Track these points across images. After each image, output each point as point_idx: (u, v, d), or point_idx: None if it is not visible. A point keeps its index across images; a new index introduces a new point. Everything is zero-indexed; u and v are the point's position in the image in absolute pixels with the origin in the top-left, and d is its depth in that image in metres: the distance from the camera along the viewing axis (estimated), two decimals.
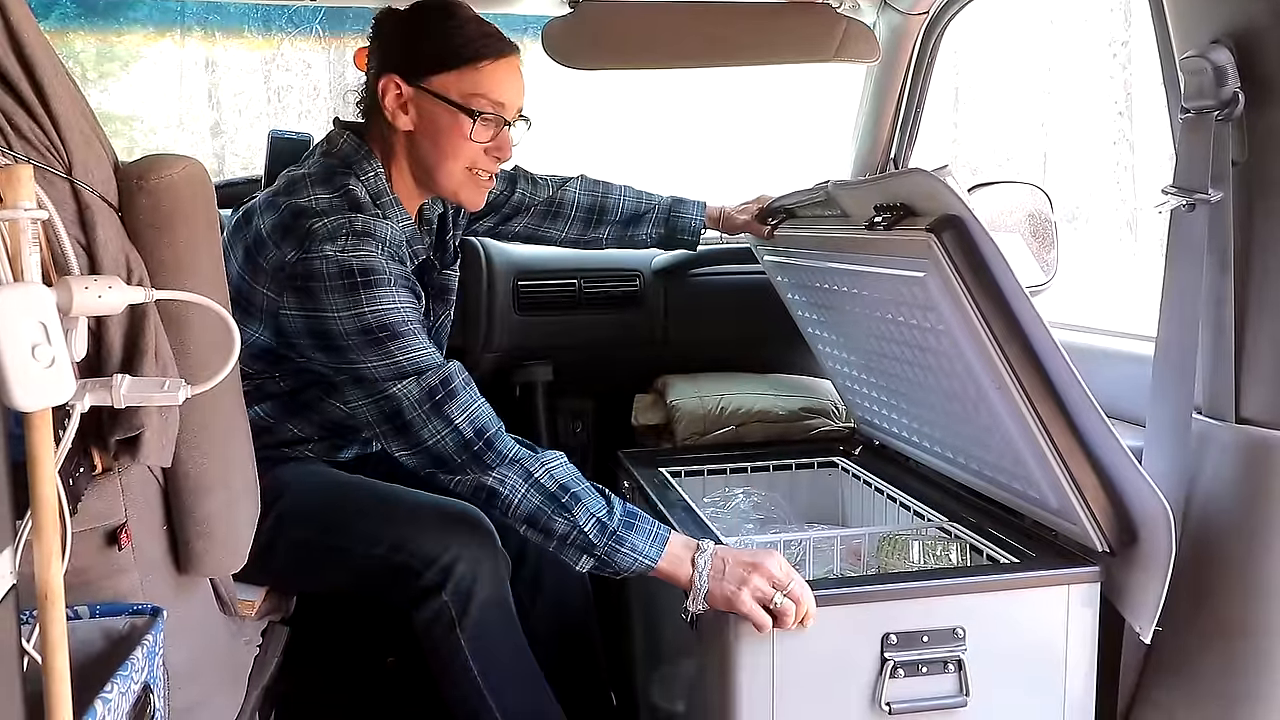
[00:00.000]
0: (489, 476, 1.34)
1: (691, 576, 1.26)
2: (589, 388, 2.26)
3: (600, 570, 1.34)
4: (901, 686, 1.20)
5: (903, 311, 1.34)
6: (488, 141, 1.47)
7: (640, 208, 1.88)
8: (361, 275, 1.33)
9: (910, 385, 1.49)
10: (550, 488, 1.33)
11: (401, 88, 1.44)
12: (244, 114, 11.84)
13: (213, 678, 1.19)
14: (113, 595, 0.98)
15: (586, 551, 1.32)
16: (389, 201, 1.48)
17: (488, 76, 1.45)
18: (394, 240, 1.41)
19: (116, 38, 2.66)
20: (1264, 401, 1.13)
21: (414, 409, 1.33)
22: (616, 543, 1.31)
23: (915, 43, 2.05)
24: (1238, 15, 1.09)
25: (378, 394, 1.35)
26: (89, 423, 0.90)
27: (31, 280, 0.73)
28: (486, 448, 1.34)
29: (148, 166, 0.97)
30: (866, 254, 1.37)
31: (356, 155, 1.48)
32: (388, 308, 1.34)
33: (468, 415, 1.35)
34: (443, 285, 1.69)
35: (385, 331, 1.34)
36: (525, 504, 1.33)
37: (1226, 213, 1.12)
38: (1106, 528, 1.19)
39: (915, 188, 1.19)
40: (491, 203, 1.78)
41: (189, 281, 0.98)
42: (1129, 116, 13.65)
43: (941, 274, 1.14)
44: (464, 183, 1.49)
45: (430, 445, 1.34)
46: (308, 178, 1.45)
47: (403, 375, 1.34)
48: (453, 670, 1.43)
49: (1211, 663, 1.18)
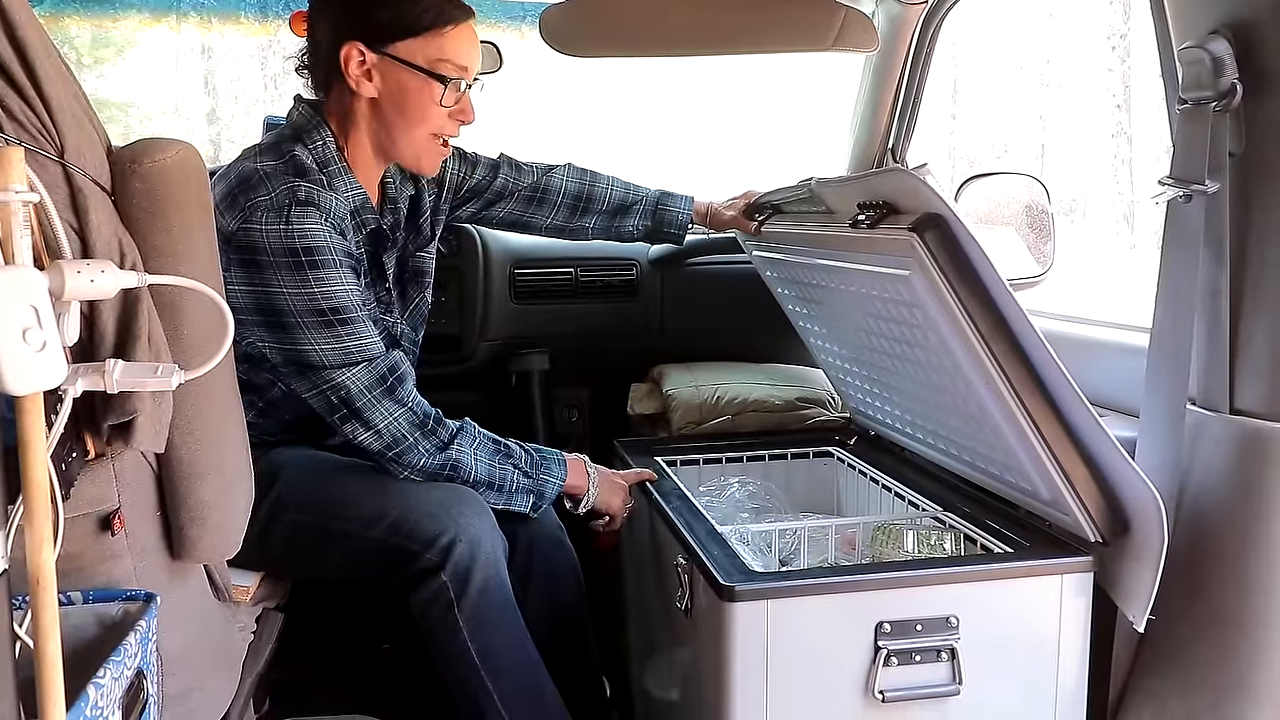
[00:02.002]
0: (450, 450, 1.47)
1: (586, 486, 1.57)
2: (585, 377, 2.26)
3: (537, 504, 1.55)
4: (895, 675, 1.20)
5: (889, 308, 1.34)
6: (453, 106, 1.48)
7: (628, 199, 1.87)
8: (306, 254, 1.36)
9: (900, 379, 1.50)
10: (490, 447, 1.51)
11: (365, 55, 1.44)
12: (240, 100, 11.80)
13: (206, 664, 1.19)
14: (106, 581, 0.98)
15: (528, 492, 1.53)
16: (336, 170, 1.48)
17: (452, 41, 1.46)
18: (336, 211, 1.42)
19: (112, 23, 2.65)
20: (1258, 393, 1.13)
21: (364, 394, 1.41)
22: (545, 474, 1.54)
23: (914, 33, 2.04)
24: (1236, 6, 1.09)
25: (325, 384, 1.41)
26: (82, 408, 0.90)
27: (23, 264, 0.72)
28: (436, 424, 1.47)
29: (141, 150, 0.96)
30: (851, 251, 1.37)
31: (308, 125, 1.49)
32: (336, 290, 1.38)
33: (415, 398, 1.46)
34: (417, 268, 1.69)
35: (336, 315, 1.38)
36: (480, 467, 1.49)
37: (1223, 204, 1.12)
38: (1098, 518, 1.19)
39: (897, 186, 1.19)
40: (474, 187, 1.78)
41: (182, 266, 0.97)
42: (1127, 109, 13.66)
43: (925, 273, 1.14)
44: (425, 148, 1.51)
45: (384, 427, 1.43)
46: (258, 147, 1.48)
47: (351, 363, 1.40)
48: (450, 652, 1.43)
49: (1204, 653, 1.18)
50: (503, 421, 2.01)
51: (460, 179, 1.76)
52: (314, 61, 1.52)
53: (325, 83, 1.51)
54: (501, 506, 1.52)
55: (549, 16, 1.82)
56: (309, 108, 1.51)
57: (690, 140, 11.05)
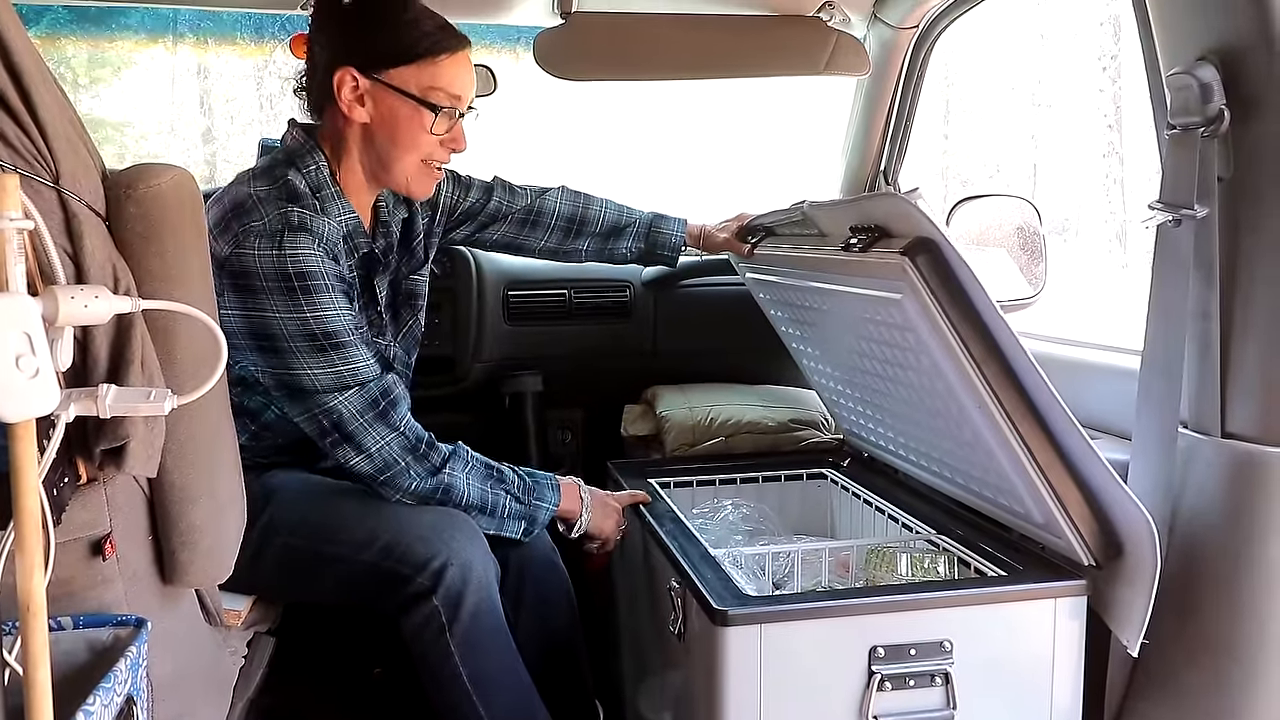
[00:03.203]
0: (442, 474, 1.46)
1: (579, 510, 1.57)
2: (579, 398, 2.26)
3: (529, 530, 1.54)
4: (889, 700, 1.20)
5: (881, 331, 1.34)
6: (444, 134, 1.49)
7: (621, 221, 1.88)
8: (299, 280, 1.36)
9: (893, 401, 1.50)
10: (483, 471, 1.51)
11: (359, 80, 1.45)
12: (235, 120, 11.82)
13: (197, 689, 1.18)
14: (97, 606, 0.98)
15: (520, 518, 1.53)
16: (329, 194, 1.48)
17: (446, 70, 1.46)
18: (329, 236, 1.42)
19: (108, 43, 2.66)
20: (1249, 416, 1.14)
21: (356, 419, 1.42)
22: (538, 499, 1.54)
23: (905, 56, 2.06)
24: (1223, 32, 1.10)
25: (317, 408, 1.41)
26: (74, 432, 0.90)
27: (17, 290, 0.72)
28: (429, 448, 1.47)
29: (136, 175, 0.97)
30: (844, 274, 1.38)
31: (301, 149, 1.49)
32: (329, 314, 1.39)
33: (408, 422, 1.46)
34: (410, 290, 1.69)
35: (329, 340, 1.39)
36: (472, 491, 1.49)
37: (1212, 228, 1.13)
38: (1091, 541, 1.20)
39: (889, 210, 1.20)
40: (467, 210, 1.78)
41: (176, 291, 0.97)
42: (1119, 130, 13.73)
43: (917, 296, 1.15)
44: (417, 174, 1.51)
45: (375, 451, 1.43)
46: (251, 172, 1.48)
47: (344, 387, 1.41)
48: (442, 676, 1.42)
49: (1197, 678, 1.18)
50: (496, 443, 2.00)
51: (454, 201, 1.76)
52: (310, 84, 1.52)
53: (319, 106, 1.52)
54: (493, 532, 1.51)
55: (543, 40, 1.84)
56: (303, 132, 1.51)
57: (684, 163, 11.08)
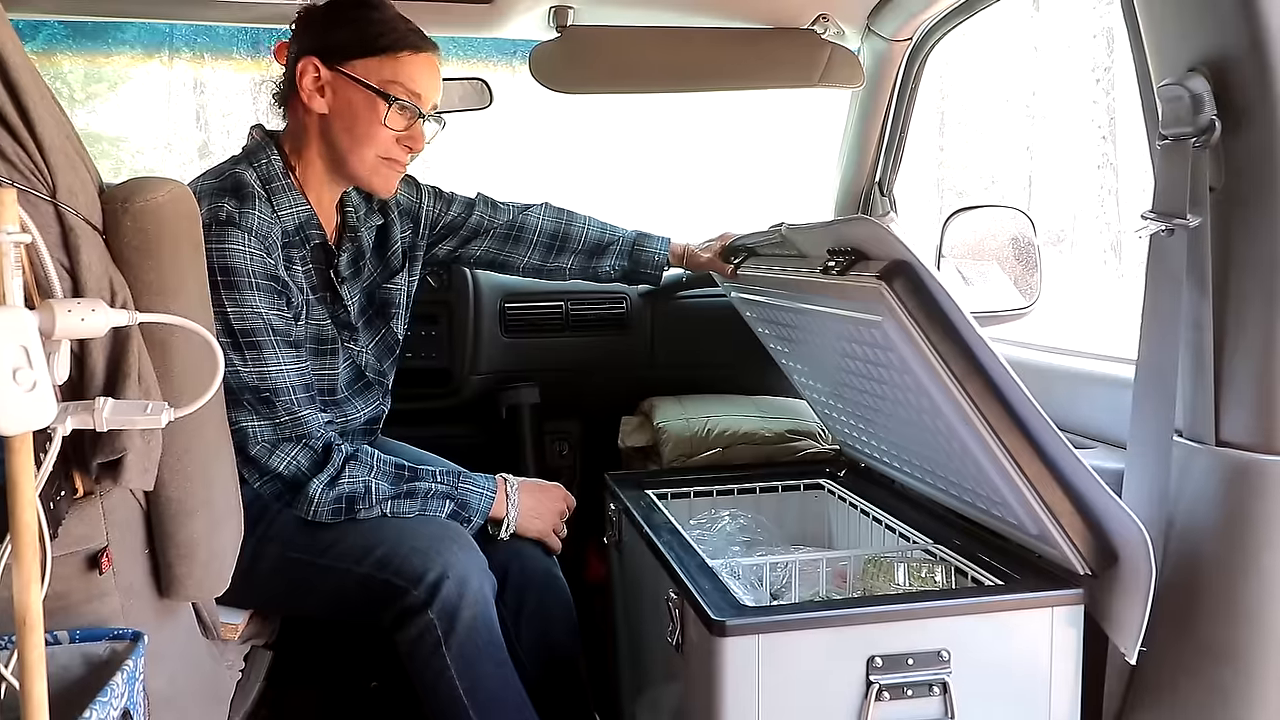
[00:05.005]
0: (340, 481, 1.45)
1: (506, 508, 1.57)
2: (575, 410, 2.27)
3: (458, 514, 1.52)
4: (887, 709, 1.19)
5: (864, 351, 1.35)
6: (401, 130, 1.50)
7: (604, 239, 1.89)
8: (222, 274, 1.37)
9: (883, 417, 1.50)
10: (390, 458, 1.51)
11: (320, 70, 1.47)
12: (232, 135, 11.84)
13: (194, 703, 1.18)
14: (94, 619, 0.98)
15: (447, 498, 1.52)
16: (280, 186, 1.49)
17: (406, 66, 1.48)
18: (262, 230, 1.41)
19: (105, 59, 2.67)
20: (1243, 424, 1.14)
21: (258, 442, 1.42)
22: (466, 482, 1.54)
23: (899, 68, 2.07)
24: (1214, 44, 1.10)
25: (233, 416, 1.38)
26: (71, 445, 0.90)
27: (14, 304, 0.73)
28: (325, 455, 1.45)
29: (133, 189, 0.97)
30: (824, 296, 1.37)
31: (257, 147, 1.52)
32: (246, 312, 1.39)
33: (312, 434, 1.45)
34: (385, 299, 1.69)
35: (245, 337, 1.39)
36: (381, 487, 1.47)
37: (1205, 238, 1.14)
38: (1085, 551, 1.20)
39: (865, 234, 1.21)
40: (449, 224, 1.79)
41: (173, 304, 0.98)
42: (1113, 140, 13.80)
43: (896, 319, 1.15)
44: (375, 169, 1.52)
45: (283, 469, 1.43)
46: (208, 170, 1.50)
47: (258, 396, 1.41)
48: (438, 690, 1.42)
49: (1195, 687, 1.18)
50: (493, 455, 2.01)
51: (436, 215, 1.77)
52: (284, 82, 1.54)
53: (285, 99, 1.54)
54: (418, 512, 1.50)
55: (539, 53, 1.84)
56: (263, 133, 1.54)
57: (678, 177, 11.11)
